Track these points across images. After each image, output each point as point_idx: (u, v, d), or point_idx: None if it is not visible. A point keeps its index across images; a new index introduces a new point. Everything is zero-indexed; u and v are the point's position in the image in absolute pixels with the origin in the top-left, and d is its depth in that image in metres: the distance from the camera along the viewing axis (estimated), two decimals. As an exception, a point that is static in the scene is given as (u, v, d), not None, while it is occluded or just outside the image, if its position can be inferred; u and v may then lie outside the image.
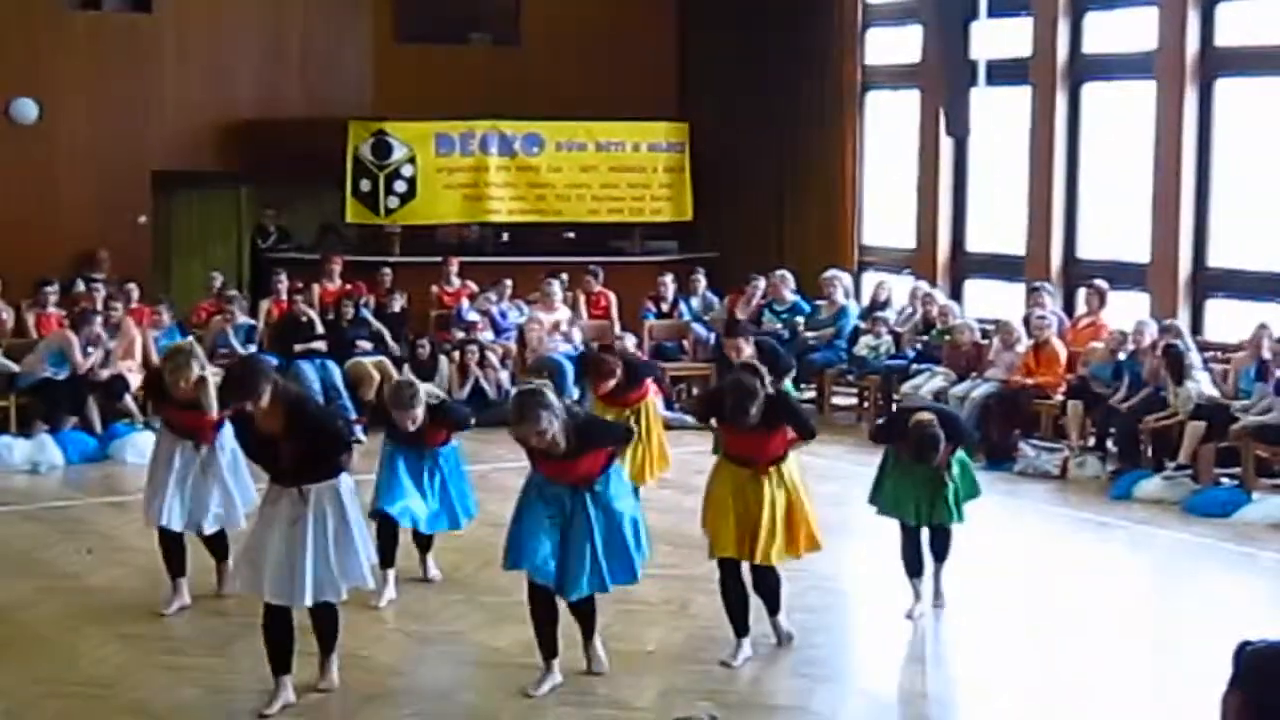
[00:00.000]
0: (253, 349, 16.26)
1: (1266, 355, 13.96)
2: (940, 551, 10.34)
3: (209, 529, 10.23)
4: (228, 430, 9.73)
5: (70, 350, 15.49)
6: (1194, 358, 14.30)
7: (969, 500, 10.27)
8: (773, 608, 9.52)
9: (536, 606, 8.63)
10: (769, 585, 9.41)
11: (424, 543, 10.86)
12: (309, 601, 8.27)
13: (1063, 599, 10.88)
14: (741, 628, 9.31)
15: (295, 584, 8.18)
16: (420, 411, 10.00)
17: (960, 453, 10.21)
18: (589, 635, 8.92)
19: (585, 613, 8.83)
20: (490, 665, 9.17)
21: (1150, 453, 14.28)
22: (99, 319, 15.89)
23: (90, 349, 15.57)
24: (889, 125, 19.77)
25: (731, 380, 9.40)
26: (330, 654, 8.65)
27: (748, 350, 11.64)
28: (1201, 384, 14.05)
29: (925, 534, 10.20)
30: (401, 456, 10.40)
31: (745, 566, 9.31)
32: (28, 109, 19.26)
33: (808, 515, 9.34)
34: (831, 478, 13.07)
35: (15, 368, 15.44)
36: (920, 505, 10.06)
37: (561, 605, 8.71)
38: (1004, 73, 17.52)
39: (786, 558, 9.33)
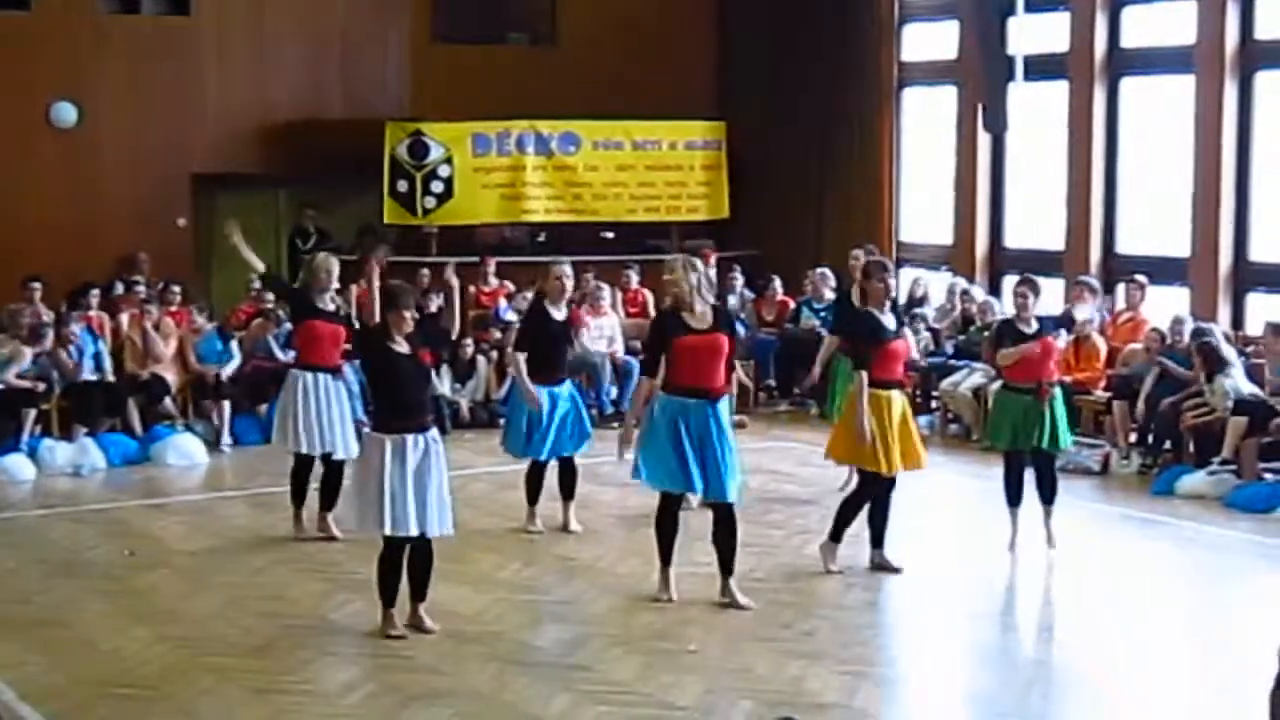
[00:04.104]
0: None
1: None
2: (1047, 495, 11.61)
3: (340, 454, 11.83)
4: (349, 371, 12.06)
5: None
6: (1230, 354, 14.24)
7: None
8: (880, 538, 11.05)
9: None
10: (888, 509, 10.99)
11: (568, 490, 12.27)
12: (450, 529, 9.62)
13: (1110, 595, 10.82)
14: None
15: (441, 513, 9.47)
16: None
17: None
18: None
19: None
20: (532, 665, 9.19)
21: (1192, 448, 14.23)
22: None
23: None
24: (926, 121, 19.73)
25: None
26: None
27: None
28: (1237, 379, 14.00)
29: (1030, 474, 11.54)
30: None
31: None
32: (68, 113, 19.36)
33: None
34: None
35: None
36: (1019, 431, 11.38)
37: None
38: (1042, 68, 17.49)
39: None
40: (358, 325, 11.58)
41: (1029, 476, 11.59)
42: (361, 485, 9.52)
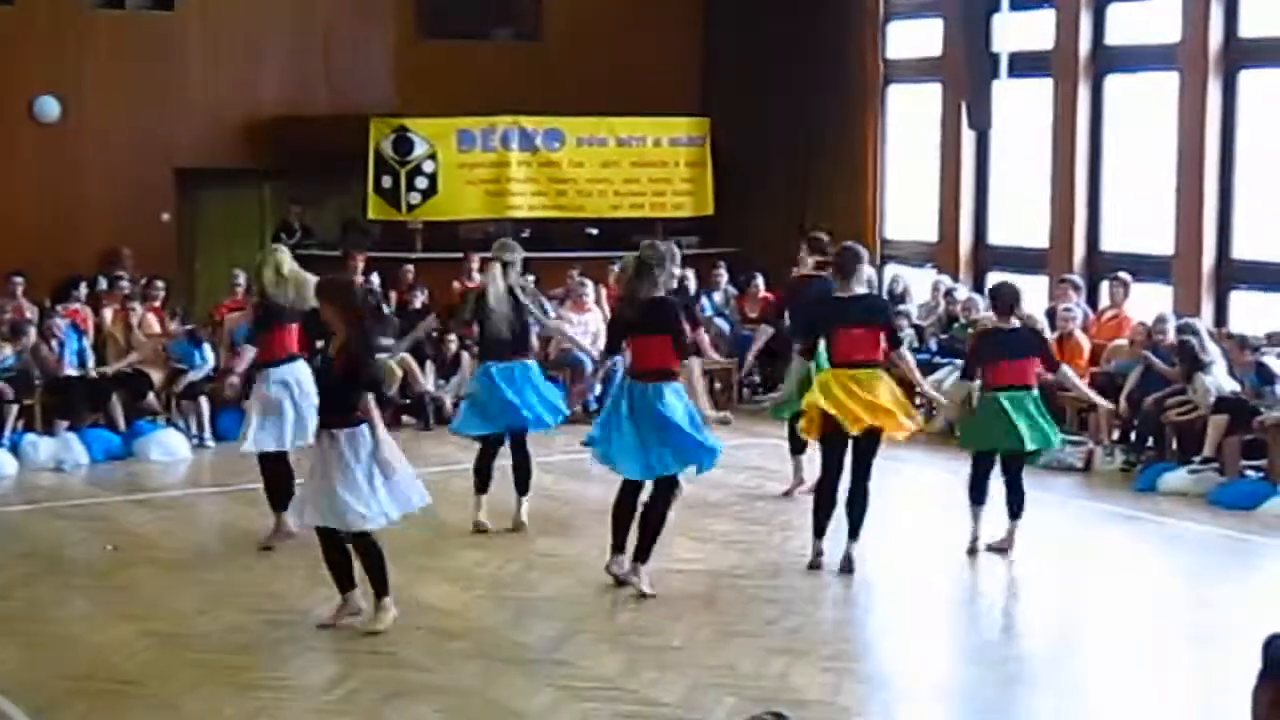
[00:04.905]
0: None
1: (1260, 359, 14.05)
2: (1014, 506, 11.32)
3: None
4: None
5: None
6: (1212, 351, 14.26)
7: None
8: (855, 531, 10.76)
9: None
10: (864, 503, 10.75)
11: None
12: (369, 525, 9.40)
13: (1094, 592, 10.86)
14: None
15: (324, 507, 9.38)
16: None
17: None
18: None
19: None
20: (516, 661, 9.17)
21: (1175, 445, 14.25)
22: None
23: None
24: (911, 119, 19.73)
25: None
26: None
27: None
28: (1219, 377, 14.03)
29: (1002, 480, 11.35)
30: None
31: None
32: (51, 107, 19.31)
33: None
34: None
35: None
36: (995, 432, 11.19)
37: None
38: (1026, 65, 17.50)
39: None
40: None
41: (1000, 487, 11.43)
42: None
